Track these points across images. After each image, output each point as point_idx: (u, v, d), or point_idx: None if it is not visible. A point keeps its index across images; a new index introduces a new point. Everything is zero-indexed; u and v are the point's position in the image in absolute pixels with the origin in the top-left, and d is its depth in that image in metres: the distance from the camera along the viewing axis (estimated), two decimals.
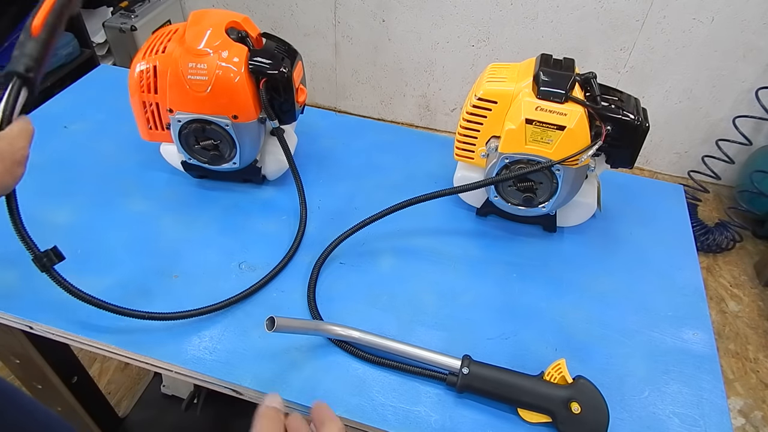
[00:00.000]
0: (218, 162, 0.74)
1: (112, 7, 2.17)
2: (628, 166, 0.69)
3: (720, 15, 1.85)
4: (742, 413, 1.50)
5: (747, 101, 1.99)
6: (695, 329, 0.66)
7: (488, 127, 0.69)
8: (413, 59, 2.26)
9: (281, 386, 0.56)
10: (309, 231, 0.74)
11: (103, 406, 1.09)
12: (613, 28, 1.97)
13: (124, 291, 0.64)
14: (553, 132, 0.63)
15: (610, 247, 0.76)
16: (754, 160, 2.00)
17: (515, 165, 0.67)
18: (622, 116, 0.64)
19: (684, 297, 0.69)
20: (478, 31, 2.10)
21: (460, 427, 0.55)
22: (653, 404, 0.57)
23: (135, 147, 0.83)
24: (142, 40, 2.11)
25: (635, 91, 1.03)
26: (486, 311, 0.66)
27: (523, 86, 0.66)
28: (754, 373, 1.60)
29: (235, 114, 0.68)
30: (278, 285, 0.67)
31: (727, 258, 1.95)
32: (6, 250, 0.67)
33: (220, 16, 0.69)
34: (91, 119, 0.90)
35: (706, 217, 2.07)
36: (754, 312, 1.77)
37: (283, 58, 0.70)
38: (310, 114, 0.92)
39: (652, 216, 0.81)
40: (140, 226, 0.73)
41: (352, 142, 0.91)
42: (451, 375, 0.56)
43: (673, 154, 2.24)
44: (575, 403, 0.53)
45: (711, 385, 0.60)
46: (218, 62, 0.65)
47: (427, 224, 0.78)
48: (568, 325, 0.65)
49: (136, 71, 0.68)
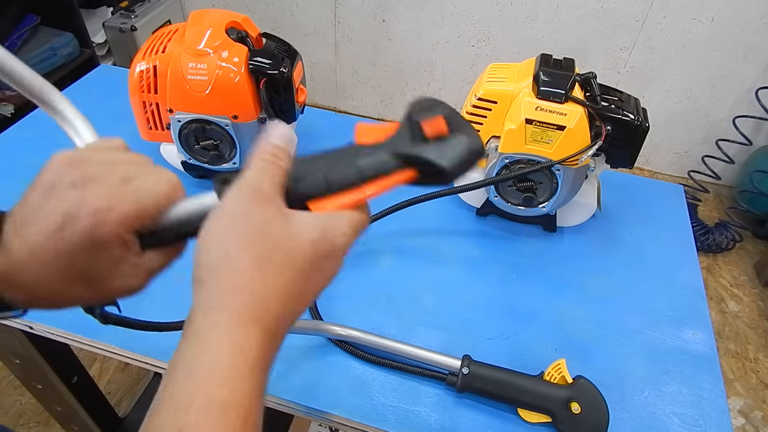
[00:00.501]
0: (218, 162, 0.74)
1: (112, 7, 2.17)
2: (628, 166, 0.69)
3: (720, 15, 1.85)
4: (742, 413, 1.50)
5: (747, 101, 1.99)
6: (695, 329, 0.65)
7: (488, 127, 0.69)
8: (413, 59, 2.26)
9: (281, 386, 0.56)
10: None
11: (103, 406, 1.09)
12: (613, 28, 1.97)
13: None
14: (553, 132, 0.63)
15: (610, 247, 0.76)
16: (754, 160, 2.00)
17: (515, 165, 0.67)
18: (622, 116, 0.64)
19: (684, 297, 0.69)
20: (478, 31, 2.10)
21: (460, 427, 0.55)
22: (653, 404, 0.57)
23: (135, 147, 0.83)
24: (142, 40, 2.11)
25: (635, 91, 1.02)
26: (486, 311, 0.66)
27: (523, 86, 0.66)
28: (754, 373, 1.60)
29: (235, 114, 0.68)
30: None
31: (727, 258, 1.95)
32: None
33: (220, 16, 0.69)
34: (91, 119, 0.89)
35: (706, 217, 2.07)
36: (754, 312, 1.77)
37: (283, 58, 0.70)
38: (310, 114, 0.92)
39: (652, 216, 0.81)
40: None
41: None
42: (451, 375, 0.56)
43: (673, 154, 2.24)
44: (575, 403, 0.53)
45: (711, 385, 0.60)
46: (218, 62, 0.65)
47: (427, 224, 0.78)
48: (568, 325, 0.65)
49: (136, 71, 0.68)
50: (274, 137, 0.32)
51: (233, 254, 0.27)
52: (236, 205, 0.29)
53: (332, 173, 0.32)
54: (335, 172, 0.32)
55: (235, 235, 0.28)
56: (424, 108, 0.34)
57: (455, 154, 0.32)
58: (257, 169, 0.30)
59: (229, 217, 0.28)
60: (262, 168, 0.30)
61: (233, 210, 0.28)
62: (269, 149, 0.32)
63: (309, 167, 0.33)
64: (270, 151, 0.32)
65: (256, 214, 0.28)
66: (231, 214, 0.28)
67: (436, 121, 0.33)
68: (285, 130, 0.33)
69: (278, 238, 0.28)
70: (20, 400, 1.38)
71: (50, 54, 1.86)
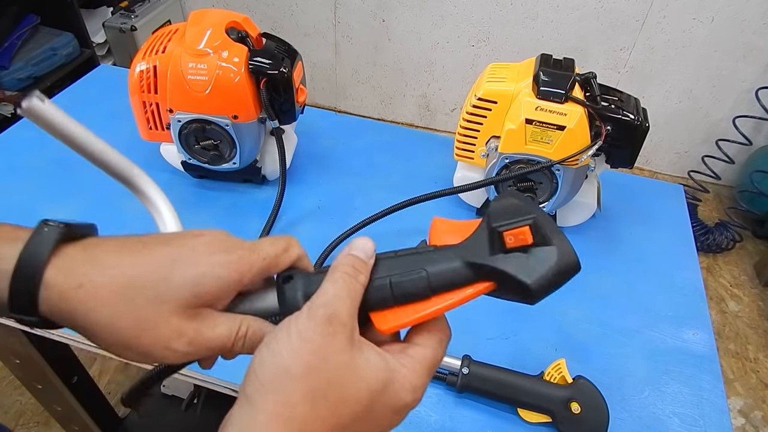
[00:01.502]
0: (218, 162, 0.74)
1: (112, 7, 2.17)
2: (628, 166, 0.69)
3: (720, 15, 1.85)
4: (742, 413, 1.50)
5: (747, 101, 1.99)
6: (695, 329, 0.65)
7: (488, 127, 0.69)
8: (413, 59, 2.26)
9: None
10: (309, 231, 0.74)
11: (103, 406, 1.09)
12: (613, 28, 1.97)
13: None
14: (553, 132, 0.63)
15: (610, 247, 0.76)
16: (754, 160, 2.00)
17: (515, 165, 0.67)
18: (622, 116, 0.64)
19: (684, 297, 0.69)
20: (478, 31, 2.10)
21: (459, 426, 0.55)
22: (653, 404, 0.57)
23: (135, 147, 0.83)
24: (142, 40, 2.11)
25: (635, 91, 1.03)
26: (486, 311, 0.66)
27: (523, 86, 0.66)
28: (754, 373, 1.60)
29: (235, 114, 0.68)
30: None
31: (727, 258, 1.95)
32: None
33: (220, 16, 0.69)
34: (91, 119, 0.90)
35: (706, 217, 2.07)
36: (754, 312, 1.77)
37: (283, 58, 0.70)
38: (310, 114, 0.92)
39: (652, 216, 0.81)
40: (140, 226, 0.73)
41: (352, 142, 0.91)
42: (451, 375, 0.56)
43: (673, 154, 2.24)
44: (575, 403, 0.53)
45: (711, 385, 0.60)
46: (218, 62, 0.65)
47: (427, 224, 0.77)
48: (568, 324, 0.65)
49: (136, 71, 0.68)
50: (356, 249, 0.30)
51: (290, 382, 0.25)
52: (309, 332, 0.26)
53: (400, 280, 0.29)
54: (403, 279, 0.29)
55: (299, 362, 0.26)
56: (507, 211, 0.30)
57: (542, 269, 0.28)
58: (337, 287, 0.28)
59: (299, 341, 0.26)
60: (342, 286, 0.28)
61: (305, 336, 0.26)
62: (351, 262, 0.30)
63: (374, 270, 0.30)
64: (352, 264, 0.29)
65: (326, 344, 0.26)
66: (301, 339, 0.26)
67: (521, 232, 0.28)
68: (368, 243, 0.31)
69: (340, 375, 0.26)
70: (20, 400, 1.38)
71: (50, 54, 1.86)
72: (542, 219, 0.29)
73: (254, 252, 0.31)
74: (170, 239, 0.30)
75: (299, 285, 0.31)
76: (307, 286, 0.31)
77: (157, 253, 0.29)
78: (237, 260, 0.30)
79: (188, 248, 0.30)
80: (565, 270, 0.28)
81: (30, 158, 0.82)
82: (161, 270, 0.28)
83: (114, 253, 0.29)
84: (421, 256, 0.30)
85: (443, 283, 0.29)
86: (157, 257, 0.29)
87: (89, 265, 0.28)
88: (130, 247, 0.29)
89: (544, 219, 0.29)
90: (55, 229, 0.28)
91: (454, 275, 0.29)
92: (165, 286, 0.28)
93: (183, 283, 0.28)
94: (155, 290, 0.28)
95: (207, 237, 0.31)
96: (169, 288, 0.28)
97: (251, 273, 0.30)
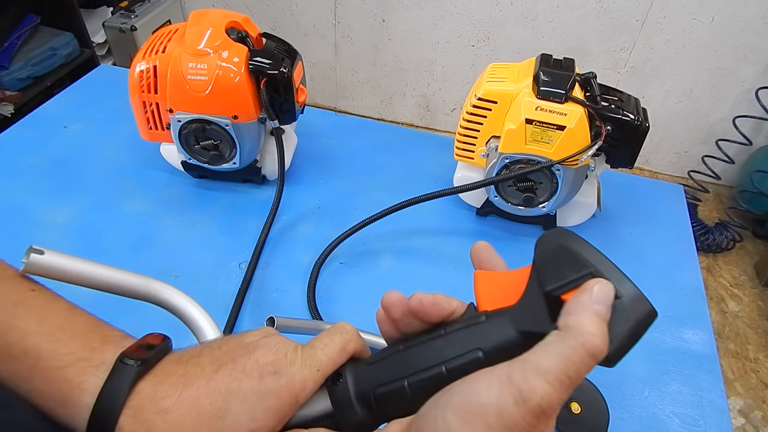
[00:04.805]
0: (218, 162, 0.74)
1: (112, 7, 2.17)
2: (628, 166, 0.69)
3: (720, 15, 1.85)
4: (742, 413, 1.50)
5: (747, 101, 1.99)
6: (695, 329, 0.65)
7: (488, 127, 0.69)
8: (413, 59, 2.26)
9: None
10: (309, 231, 0.74)
11: None
12: (613, 28, 1.97)
13: None
14: (553, 132, 0.63)
15: (610, 247, 0.76)
16: (754, 160, 2.00)
17: (515, 165, 0.67)
18: (622, 116, 0.64)
19: (684, 297, 0.69)
20: (478, 31, 2.10)
21: None
22: (653, 404, 0.57)
23: (135, 147, 0.83)
24: (142, 40, 2.11)
25: (635, 91, 1.03)
26: None
27: (523, 86, 0.66)
28: (754, 373, 1.60)
29: (235, 114, 0.68)
30: (278, 285, 0.67)
31: (727, 258, 1.95)
32: (6, 249, 0.67)
33: (220, 16, 0.69)
34: (91, 119, 0.90)
35: (706, 217, 2.07)
36: (754, 312, 1.77)
37: (283, 58, 0.70)
38: (310, 114, 0.92)
39: (652, 216, 0.81)
40: (140, 226, 0.73)
41: (352, 142, 0.91)
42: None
43: (673, 154, 2.24)
44: (575, 403, 0.53)
45: (711, 385, 0.60)
46: (218, 62, 0.65)
47: (427, 224, 0.78)
48: None
49: (136, 71, 0.68)
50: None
51: None
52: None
53: (453, 366, 0.26)
54: (457, 364, 0.26)
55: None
56: (556, 260, 0.25)
57: (615, 328, 0.23)
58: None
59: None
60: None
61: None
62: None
63: (418, 357, 0.27)
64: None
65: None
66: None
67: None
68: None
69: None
70: None
71: (50, 54, 1.86)
72: (601, 266, 0.24)
73: (307, 365, 0.29)
74: (223, 361, 0.30)
75: (349, 382, 0.29)
76: (359, 384, 0.29)
77: (211, 385, 0.29)
78: (287, 384, 0.28)
79: (238, 372, 0.29)
80: (643, 322, 0.23)
81: (30, 158, 0.82)
82: (215, 406, 0.28)
83: (175, 387, 0.29)
84: (473, 332, 0.27)
85: (501, 358, 0.25)
86: (211, 389, 0.28)
87: (154, 410, 0.28)
88: (190, 374, 0.29)
89: (604, 266, 0.24)
90: (132, 369, 0.28)
91: (512, 347, 0.25)
92: (220, 425, 0.28)
93: (238, 425, 0.28)
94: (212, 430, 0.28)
95: (258, 353, 0.30)
96: (225, 427, 0.28)
97: (306, 392, 0.29)
